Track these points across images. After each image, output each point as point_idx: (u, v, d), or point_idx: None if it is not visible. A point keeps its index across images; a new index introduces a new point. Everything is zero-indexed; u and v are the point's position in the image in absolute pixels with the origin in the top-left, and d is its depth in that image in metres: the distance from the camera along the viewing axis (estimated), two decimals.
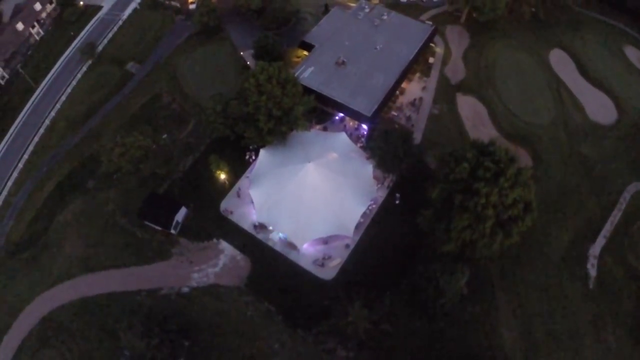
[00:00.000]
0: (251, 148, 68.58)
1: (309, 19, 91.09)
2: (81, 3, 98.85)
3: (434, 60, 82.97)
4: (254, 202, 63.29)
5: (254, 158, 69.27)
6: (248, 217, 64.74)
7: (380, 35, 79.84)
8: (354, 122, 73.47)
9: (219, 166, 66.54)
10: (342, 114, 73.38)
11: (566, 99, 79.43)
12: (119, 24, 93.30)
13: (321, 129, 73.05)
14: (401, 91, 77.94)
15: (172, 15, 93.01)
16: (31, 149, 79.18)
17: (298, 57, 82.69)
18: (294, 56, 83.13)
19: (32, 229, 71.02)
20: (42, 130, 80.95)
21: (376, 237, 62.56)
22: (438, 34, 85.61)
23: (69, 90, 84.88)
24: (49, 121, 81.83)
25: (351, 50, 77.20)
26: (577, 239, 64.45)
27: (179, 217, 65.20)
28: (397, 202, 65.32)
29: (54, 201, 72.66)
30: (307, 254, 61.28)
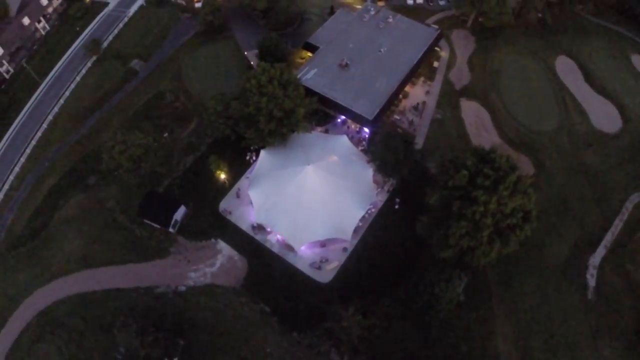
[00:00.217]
0: (252, 149, 68.53)
1: (314, 20, 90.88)
2: None
3: (438, 64, 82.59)
4: (253, 203, 63.24)
5: (254, 159, 69.23)
6: (247, 218, 64.73)
7: (385, 38, 79.50)
8: (356, 124, 73.22)
9: (219, 166, 66.58)
10: (344, 117, 73.11)
11: (571, 107, 78.84)
12: (124, 21, 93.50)
13: (323, 131, 72.89)
14: (404, 95, 77.63)
15: (177, 13, 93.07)
16: (34, 143, 79.51)
17: (302, 58, 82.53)
18: (298, 57, 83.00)
19: (32, 223, 71.31)
20: (45, 125, 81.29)
21: (374, 242, 62.36)
22: (444, 38, 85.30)
23: (72, 86, 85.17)
24: (52, 116, 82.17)
25: (355, 52, 76.93)
26: (577, 248, 63.92)
27: (178, 216, 65.28)
28: (397, 207, 65.03)
29: (55, 196, 72.95)
30: (304, 256, 61.19)
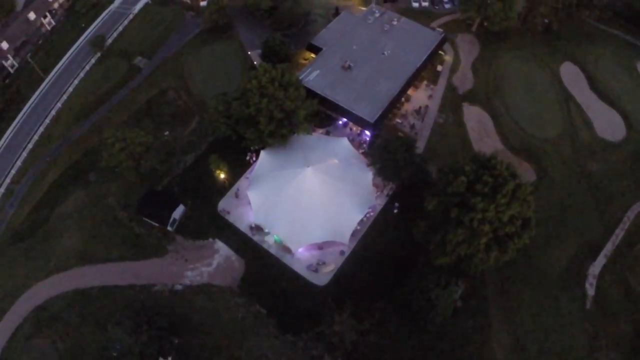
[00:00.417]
0: (252, 149, 68.39)
1: (319, 21, 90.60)
2: None
3: (442, 68, 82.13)
4: (251, 204, 63.17)
5: (254, 159, 69.14)
6: (245, 218, 64.63)
7: (389, 40, 79.10)
8: (357, 127, 72.96)
9: (219, 166, 66.56)
10: (346, 119, 72.86)
11: (575, 114, 78.23)
12: (129, 18, 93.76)
13: (324, 132, 72.72)
14: (407, 98, 77.23)
15: (182, 12, 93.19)
16: (36, 138, 79.92)
17: (305, 59, 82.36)
18: (301, 58, 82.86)
19: (32, 217, 71.67)
20: (48, 120, 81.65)
21: (372, 246, 62.08)
22: (448, 42, 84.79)
23: (76, 81, 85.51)
24: (55, 111, 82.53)
25: (358, 54, 76.59)
26: (577, 256, 63.50)
27: (177, 215, 65.33)
28: (396, 212, 64.74)
29: (56, 191, 73.28)
30: (301, 258, 61.04)
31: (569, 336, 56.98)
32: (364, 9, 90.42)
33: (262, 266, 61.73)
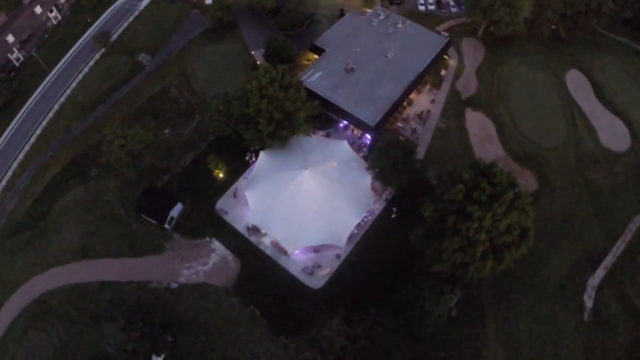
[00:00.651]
0: (251, 149, 68.23)
1: (324, 22, 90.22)
2: None
3: (446, 72, 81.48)
4: (248, 204, 63.04)
5: (254, 159, 68.99)
6: (242, 219, 64.51)
7: (393, 43, 78.58)
8: (358, 130, 72.56)
9: (218, 165, 66.51)
10: (346, 122, 72.48)
11: (579, 122, 77.34)
12: (135, 14, 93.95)
13: (324, 135, 72.39)
14: (409, 102, 76.69)
15: (187, 9, 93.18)
16: (39, 132, 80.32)
17: (308, 60, 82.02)
18: (304, 59, 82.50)
19: (32, 211, 72.08)
20: (51, 114, 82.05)
21: (368, 250, 61.72)
22: (453, 46, 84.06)
23: (80, 77, 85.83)
24: (58, 106, 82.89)
25: (361, 57, 76.13)
26: (577, 267, 62.78)
27: (174, 213, 65.38)
28: (394, 216, 64.29)
29: (56, 186, 73.59)
30: (297, 260, 60.83)
31: (565, 349, 56.35)
32: (369, 10, 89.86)
33: (257, 267, 61.64)
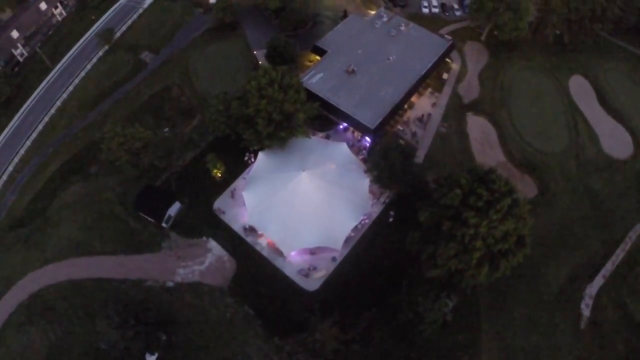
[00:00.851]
0: (251, 149, 68.19)
1: (327, 23, 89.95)
2: None
3: (448, 76, 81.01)
4: (246, 204, 63.01)
5: (253, 160, 68.93)
6: (239, 219, 64.44)
7: (395, 46, 78.28)
8: (358, 132, 72.31)
9: (216, 165, 66.52)
10: (346, 124, 72.26)
11: (582, 129, 76.76)
12: (138, 12, 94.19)
13: (324, 136, 72.17)
14: (410, 105, 76.33)
15: (191, 8, 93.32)
16: (40, 128, 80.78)
17: (310, 61, 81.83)
18: (306, 60, 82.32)
19: (32, 206, 72.52)
20: (53, 110, 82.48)
21: (365, 254, 61.45)
22: (456, 49, 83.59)
23: (83, 73, 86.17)
24: (60, 102, 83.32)
25: (363, 59, 75.90)
26: (575, 275, 62.22)
27: (172, 212, 65.38)
28: (391, 220, 64.01)
29: (56, 182, 74.00)
30: (293, 262, 60.69)
31: (560, 356, 55.81)
32: (373, 12, 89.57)
33: (253, 268, 61.55)
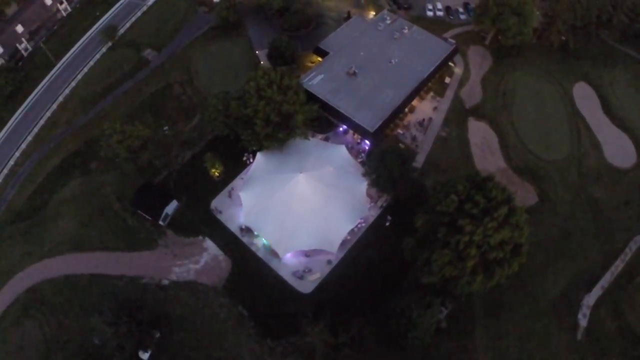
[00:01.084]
0: (249, 150, 68.05)
1: (330, 24, 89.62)
2: None
3: (450, 80, 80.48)
4: (242, 205, 62.91)
5: (251, 160, 68.82)
6: (236, 219, 64.42)
7: (398, 49, 77.87)
8: (357, 135, 71.99)
9: (214, 165, 66.47)
10: (346, 126, 71.97)
11: (584, 137, 75.98)
12: (143, 9, 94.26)
13: (323, 138, 71.86)
14: (411, 109, 75.87)
15: (195, 6, 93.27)
16: (42, 122, 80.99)
17: (312, 62, 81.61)
18: (308, 61, 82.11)
19: (32, 201, 72.78)
20: (55, 106, 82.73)
21: (360, 258, 61.19)
22: (459, 53, 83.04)
23: (85, 69, 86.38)
24: (62, 98, 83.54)
25: (365, 61, 75.58)
26: (573, 285, 61.66)
27: (169, 210, 65.52)
28: (388, 224, 63.62)
29: (56, 177, 74.26)
30: (288, 264, 60.57)
31: None
32: (376, 14, 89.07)
33: (248, 268, 61.50)
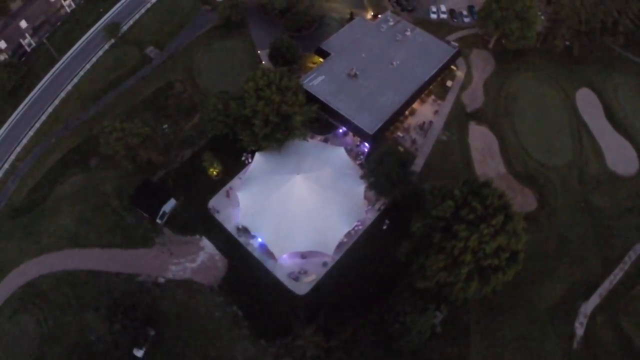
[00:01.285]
0: (248, 150, 68.00)
1: (333, 25, 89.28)
2: None
3: (452, 83, 79.98)
4: (239, 204, 62.90)
5: (250, 160, 68.77)
6: (233, 219, 64.44)
7: (400, 51, 77.53)
8: (357, 137, 71.76)
9: (212, 164, 66.50)
10: (345, 128, 71.75)
11: (586, 143, 75.36)
12: (146, 7, 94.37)
13: (322, 140, 71.69)
14: (411, 112, 75.52)
15: (198, 5, 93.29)
16: (44, 118, 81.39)
17: (314, 63, 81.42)
18: (310, 62, 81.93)
19: (32, 196, 73.20)
20: (57, 102, 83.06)
21: (356, 260, 61.05)
22: (462, 56, 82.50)
23: (88, 66, 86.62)
24: (64, 94, 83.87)
25: (366, 63, 75.31)
26: (570, 293, 61.36)
27: (167, 208, 65.64)
28: (385, 228, 63.42)
29: (56, 173, 74.60)
30: (284, 265, 60.55)
31: None
32: (379, 16, 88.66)
33: (244, 268, 61.58)
